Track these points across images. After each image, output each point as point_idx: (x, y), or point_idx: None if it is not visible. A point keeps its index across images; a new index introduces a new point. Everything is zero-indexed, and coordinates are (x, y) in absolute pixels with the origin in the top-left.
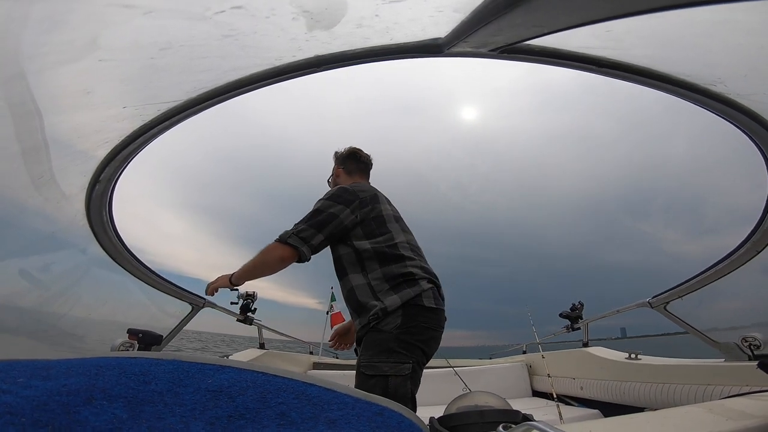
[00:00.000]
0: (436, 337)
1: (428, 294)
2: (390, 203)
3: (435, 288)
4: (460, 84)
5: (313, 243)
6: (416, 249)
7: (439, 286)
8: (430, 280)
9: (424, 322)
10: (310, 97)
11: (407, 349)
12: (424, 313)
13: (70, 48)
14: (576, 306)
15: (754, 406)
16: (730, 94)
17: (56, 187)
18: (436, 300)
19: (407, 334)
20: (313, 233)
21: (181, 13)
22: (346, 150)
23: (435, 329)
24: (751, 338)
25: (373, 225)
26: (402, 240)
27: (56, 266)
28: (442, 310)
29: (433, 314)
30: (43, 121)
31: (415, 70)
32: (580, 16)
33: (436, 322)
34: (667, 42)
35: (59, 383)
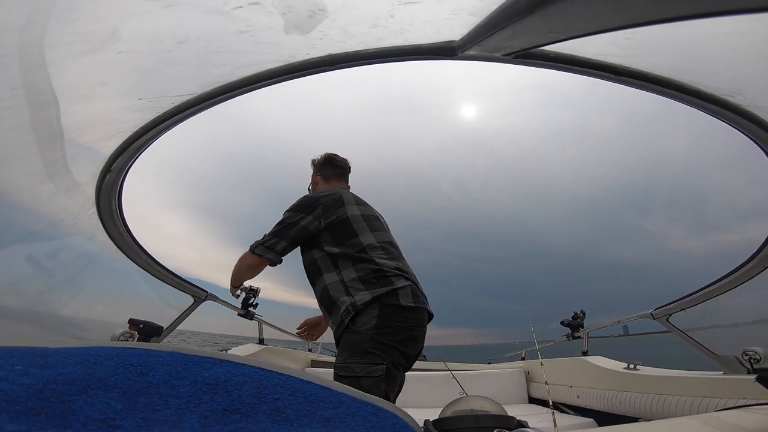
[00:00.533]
0: (415, 336)
1: (405, 292)
2: (361, 203)
3: (413, 285)
4: (461, 82)
5: (277, 249)
6: (388, 247)
7: (417, 283)
8: (406, 277)
9: (399, 321)
10: (312, 97)
11: (382, 350)
12: (400, 313)
13: (91, 39)
14: (578, 314)
15: (748, 418)
16: (749, 106)
17: (68, 174)
18: (415, 298)
19: (382, 335)
20: (277, 241)
21: (199, 7)
22: (321, 157)
23: (413, 328)
24: (752, 352)
25: (340, 230)
26: (371, 242)
27: (63, 253)
28: (423, 309)
29: (411, 313)
30: (59, 110)
31: (417, 69)
32: (598, 24)
33: (414, 321)
34: (687, 51)
35: (56, 371)
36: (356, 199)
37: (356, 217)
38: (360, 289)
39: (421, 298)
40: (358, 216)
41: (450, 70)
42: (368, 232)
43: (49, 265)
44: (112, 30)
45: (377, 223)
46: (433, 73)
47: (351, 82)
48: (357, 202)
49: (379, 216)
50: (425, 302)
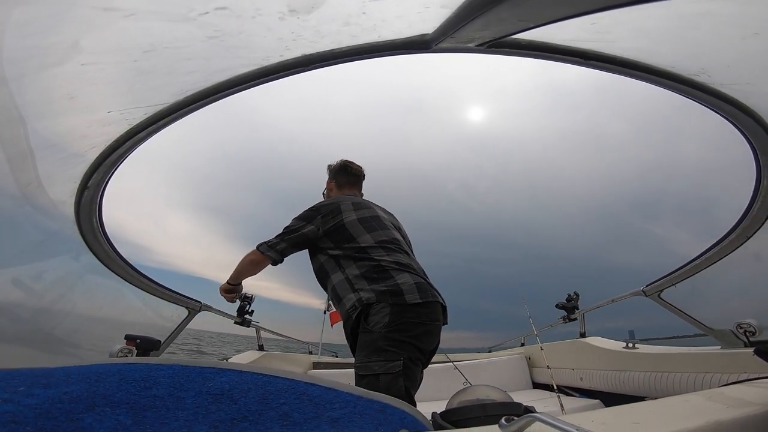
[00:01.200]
0: (430, 330)
1: (410, 290)
2: (360, 207)
3: (418, 279)
4: (466, 83)
5: (279, 248)
6: (387, 244)
7: (424, 277)
8: (410, 272)
9: (413, 318)
10: (317, 97)
11: (397, 347)
12: (412, 309)
13: (52, 52)
14: (571, 296)
15: (753, 393)
16: (714, 84)
17: (44, 194)
18: (422, 293)
19: (396, 332)
20: (278, 242)
21: (163, 15)
22: (337, 163)
23: (426, 323)
24: (746, 324)
25: (338, 235)
26: (368, 242)
27: (49, 274)
28: (433, 302)
29: (422, 308)
30: (27, 128)
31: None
32: (564, 10)
33: (426, 315)
34: (652, 34)
35: (60, 391)
36: (355, 205)
37: (352, 222)
38: (364, 286)
39: (430, 292)
40: (354, 221)
41: (456, 70)
42: (365, 234)
43: (36, 287)
44: (72, 42)
45: (377, 223)
46: (438, 74)
47: (356, 83)
48: (356, 207)
49: (381, 216)
50: (436, 295)
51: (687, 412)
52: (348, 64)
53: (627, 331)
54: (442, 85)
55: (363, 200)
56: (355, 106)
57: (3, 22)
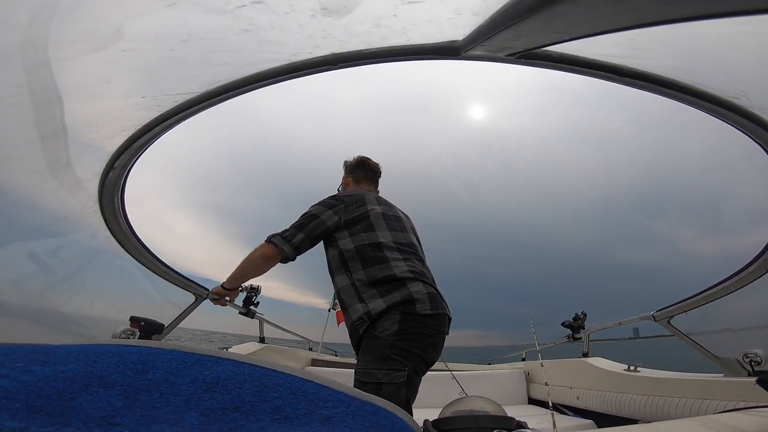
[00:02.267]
0: (435, 343)
1: (422, 300)
2: (384, 203)
3: (431, 290)
4: (469, 83)
5: (294, 242)
6: (405, 248)
7: (435, 287)
8: (423, 282)
9: (422, 328)
10: (320, 96)
11: (404, 356)
12: (421, 320)
13: (95, 37)
14: (579, 316)
15: (748, 421)
16: (753, 107)
17: (71, 172)
18: (433, 304)
19: (404, 341)
20: (294, 233)
21: (202, 6)
22: (355, 159)
23: (434, 335)
24: (753, 354)
25: (357, 223)
26: (388, 240)
27: (65, 251)
28: (442, 315)
29: (432, 320)
30: (63, 108)
31: (425, 70)
32: (602, 24)
33: (435, 327)
34: (691, 53)
35: (57, 369)
36: (379, 200)
37: (377, 215)
38: (374, 295)
39: (440, 303)
40: (379, 214)
41: (458, 70)
42: (386, 230)
43: (52, 262)
44: (115, 28)
45: (398, 224)
46: (440, 74)
47: (360, 82)
48: (380, 202)
49: (402, 217)
50: (445, 307)
51: None
52: (376, 65)
53: (631, 328)
54: (444, 84)
55: (383, 198)
56: (359, 106)
57: (52, 6)
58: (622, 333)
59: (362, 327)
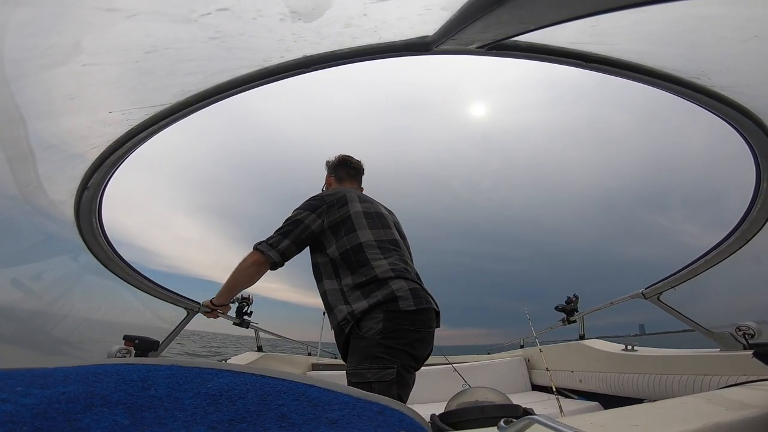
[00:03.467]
0: (423, 338)
1: (405, 296)
2: (366, 200)
3: (414, 286)
4: (466, 80)
5: (280, 248)
6: (387, 246)
7: (419, 282)
8: (405, 279)
9: (407, 325)
10: (320, 97)
11: (391, 354)
12: (406, 316)
13: (54, 52)
14: (571, 299)
15: (752, 395)
16: (714, 86)
17: (44, 194)
18: (417, 300)
19: (390, 339)
20: (280, 239)
21: (165, 16)
22: (336, 158)
23: (420, 330)
24: (745, 327)
25: (341, 227)
26: (368, 239)
27: (48, 274)
28: (428, 309)
29: (417, 315)
30: (28, 128)
31: (424, 67)
32: (565, 12)
33: (421, 323)
34: (653, 36)
35: (57, 391)
36: (361, 197)
37: (357, 214)
38: (358, 297)
39: (424, 298)
40: (360, 213)
41: (458, 67)
42: (367, 229)
43: (36, 287)
44: (74, 42)
45: (380, 221)
46: (440, 71)
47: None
48: (361, 199)
49: (384, 214)
50: (430, 301)
51: (685, 415)
52: (350, 64)
53: (637, 325)
54: (443, 81)
55: (365, 195)
56: (357, 106)
57: (4, 22)
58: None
59: (347, 327)
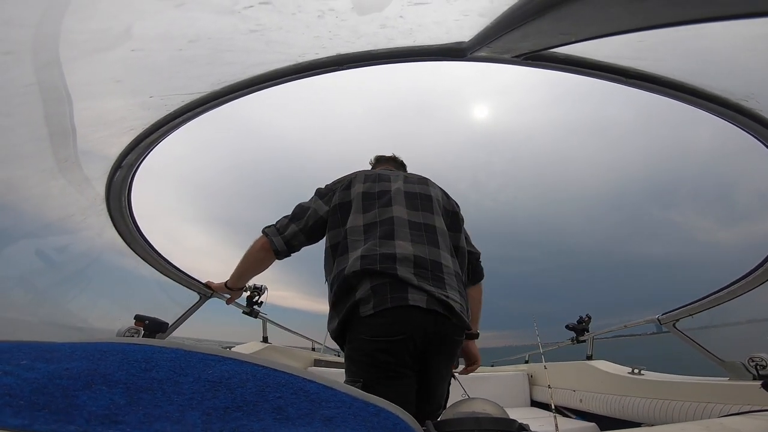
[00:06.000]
0: (386, 348)
1: (366, 299)
2: (374, 180)
3: (384, 282)
4: (471, 82)
5: (286, 234)
6: (373, 228)
7: (394, 275)
8: (374, 273)
9: (364, 333)
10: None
11: (357, 367)
12: (364, 323)
13: (105, 37)
14: (583, 319)
15: (751, 424)
16: (762, 110)
17: (79, 170)
18: (379, 299)
19: (352, 351)
20: (287, 224)
21: (210, 6)
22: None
23: (380, 339)
24: (758, 358)
25: (338, 213)
26: (354, 224)
27: (72, 248)
28: (398, 309)
29: (377, 319)
30: (72, 107)
31: (428, 71)
32: (610, 26)
33: (381, 329)
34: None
35: (62, 366)
36: (368, 177)
37: (357, 196)
38: (332, 315)
39: (396, 295)
40: (359, 194)
41: (460, 70)
42: (358, 214)
43: (58, 260)
44: (125, 28)
45: (381, 200)
46: (443, 75)
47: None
48: (368, 179)
49: (392, 189)
50: (406, 298)
51: None
52: (382, 65)
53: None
54: (447, 84)
55: (384, 172)
56: (363, 110)
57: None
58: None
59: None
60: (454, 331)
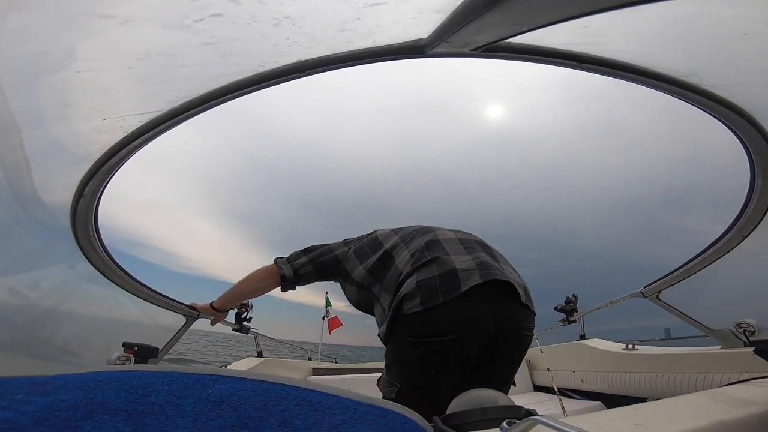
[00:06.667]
0: (435, 350)
1: (412, 293)
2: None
3: (433, 276)
4: (479, 82)
5: (296, 264)
6: (411, 234)
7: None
8: (424, 264)
9: (409, 334)
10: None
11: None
12: (408, 321)
13: (48, 59)
14: (570, 299)
15: (754, 393)
16: (706, 85)
17: (40, 203)
18: (432, 293)
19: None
20: (298, 255)
21: (158, 22)
22: None
23: (430, 339)
24: (745, 324)
25: (366, 247)
26: (393, 241)
27: (45, 283)
28: (450, 302)
29: (427, 316)
30: (22, 136)
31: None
32: (556, 14)
33: (433, 326)
34: (644, 36)
35: (58, 398)
36: (397, 230)
37: (386, 235)
38: (383, 319)
39: (449, 289)
40: (389, 234)
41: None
42: (393, 235)
43: (33, 296)
44: (68, 49)
45: (412, 228)
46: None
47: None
48: (397, 232)
49: (432, 228)
50: (461, 285)
51: (690, 413)
52: (363, 66)
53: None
54: (458, 84)
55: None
56: (374, 109)
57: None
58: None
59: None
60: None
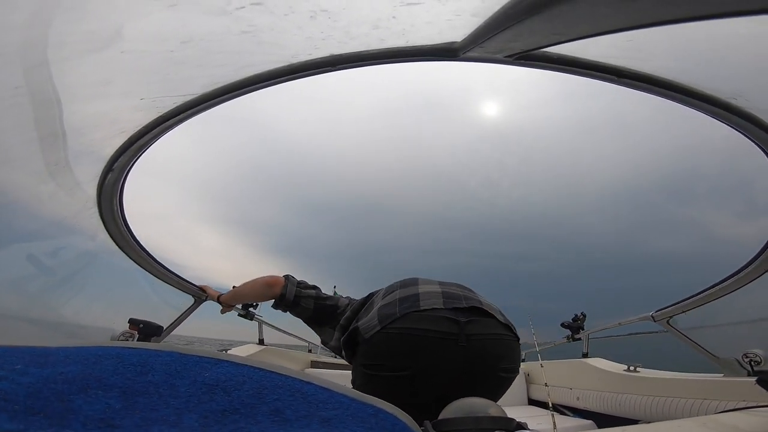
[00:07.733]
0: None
1: (371, 316)
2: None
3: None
4: (478, 80)
5: (302, 291)
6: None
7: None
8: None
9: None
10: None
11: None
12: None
13: (95, 38)
14: (578, 317)
15: (747, 420)
16: (751, 108)
17: (70, 174)
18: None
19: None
20: (308, 285)
21: (202, 7)
22: None
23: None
24: (753, 354)
25: (358, 300)
26: (378, 290)
27: (64, 252)
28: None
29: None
30: (62, 109)
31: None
32: (601, 25)
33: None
34: (689, 54)
35: (56, 371)
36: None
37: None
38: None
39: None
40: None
41: (466, 68)
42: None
43: (50, 264)
44: (116, 29)
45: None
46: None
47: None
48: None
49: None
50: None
51: None
52: (365, 68)
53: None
54: (457, 81)
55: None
56: (373, 108)
57: (53, 6)
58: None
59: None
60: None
